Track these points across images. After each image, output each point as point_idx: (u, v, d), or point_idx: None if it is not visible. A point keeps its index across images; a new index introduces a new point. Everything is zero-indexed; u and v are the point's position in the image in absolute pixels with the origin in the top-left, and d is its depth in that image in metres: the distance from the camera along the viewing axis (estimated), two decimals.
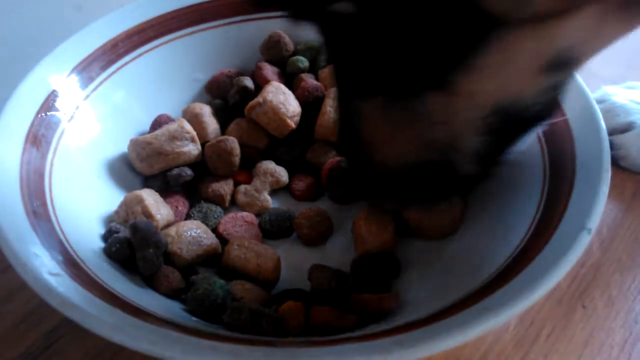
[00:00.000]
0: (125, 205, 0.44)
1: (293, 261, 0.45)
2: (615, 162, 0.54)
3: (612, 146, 0.53)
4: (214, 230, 0.46)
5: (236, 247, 0.43)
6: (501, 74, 0.29)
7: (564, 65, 0.30)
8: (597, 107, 0.42)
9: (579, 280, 0.46)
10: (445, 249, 0.44)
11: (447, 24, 0.27)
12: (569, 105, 0.42)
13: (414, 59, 0.30)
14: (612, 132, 0.55)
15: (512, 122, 0.33)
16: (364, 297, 0.39)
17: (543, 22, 0.27)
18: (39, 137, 0.42)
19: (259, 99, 0.50)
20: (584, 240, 0.34)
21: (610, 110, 0.56)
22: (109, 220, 0.44)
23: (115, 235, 0.41)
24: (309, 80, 0.54)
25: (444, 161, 0.35)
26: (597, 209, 0.35)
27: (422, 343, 0.29)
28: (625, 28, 0.29)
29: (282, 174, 0.50)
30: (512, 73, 0.30)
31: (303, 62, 0.55)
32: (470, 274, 0.37)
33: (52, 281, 0.32)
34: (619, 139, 0.54)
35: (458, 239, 0.44)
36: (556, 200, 0.38)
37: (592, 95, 0.43)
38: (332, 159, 0.50)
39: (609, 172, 0.37)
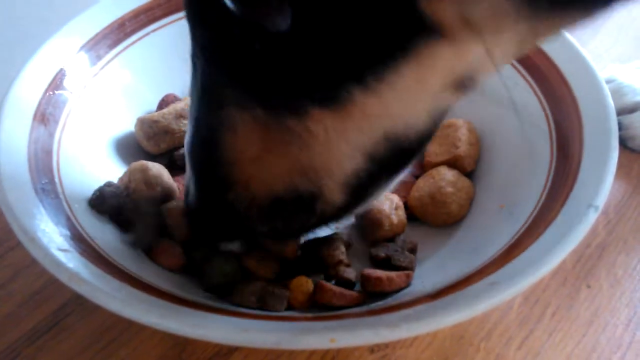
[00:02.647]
0: (129, 172, 0.44)
1: None
2: (623, 143, 0.54)
3: (620, 126, 0.53)
4: None
5: None
6: (408, 94, 0.27)
7: (466, 85, 0.28)
8: (605, 86, 0.41)
9: (585, 260, 0.46)
10: (452, 230, 0.44)
11: (374, 17, 0.24)
12: (578, 85, 0.42)
13: (309, 58, 0.26)
14: (620, 112, 0.54)
15: (397, 151, 0.30)
16: (376, 275, 0.39)
17: (466, 37, 0.25)
18: (47, 115, 0.42)
19: None
20: (591, 218, 0.34)
21: (618, 90, 0.55)
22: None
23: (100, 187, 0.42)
24: None
25: (312, 192, 0.32)
26: (604, 186, 0.35)
27: (430, 317, 0.29)
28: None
29: None
30: (419, 92, 0.27)
31: None
32: (476, 252, 0.38)
33: (61, 257, 0.32)
34: (627, 119, 0.54)
35: (466, 220, 0.44)
36: (563, 178, 0.38)
37: (601, 75, 0.43)
38: None
39: (616, 150, 0.37)
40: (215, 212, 0.35)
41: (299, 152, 0.30)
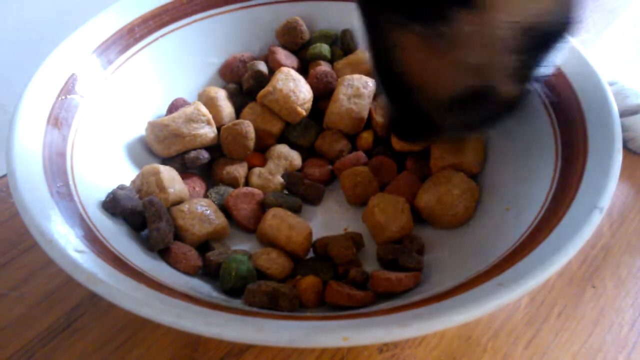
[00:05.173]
0: (142, 175, 0.45)
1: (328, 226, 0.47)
2: (624, 145, 0.54)
3: (622, 128, 0.53)
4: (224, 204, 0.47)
5: (272, 216, 0.44)
6: None
7: None
8: (609, 89, 0.42)
9: (590, 261, 0.47)
10: (459, 232, 0.45)
11: None
12: (582, 88, 0.43)
13: None
14: (621, 114, 0.55)
15: (541, 37, 0.35)
16: (385, 276, 0.40)
17: None
18: (60, 119, 0.43)
19: (269, 87, 0.50)
20: (596, 219, 0.34)
21: (620, 92, 0.56)
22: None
23: (114, 189, 0.42)
24: (321, 66, 0.54)
25: (485, 86, 0.38)
26: (609, 188, 0.36)
27: (440, 316, 0.30)
28: None
29: (296, 157, 0.51)
30: None
31: (326, 49, 0.56)
32: (484, 253, 0.38)
33: (78, 258, 0.33)
34: (628, 121, 0.54)
35: (472, 222, 0.45)
36: (568, 180, 0.38)
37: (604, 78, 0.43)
38: (344, 158, 0.51)
39: (620, 152, 0.38)
40: (407, 115, 0.43)
41: (459, 54, 0.35)
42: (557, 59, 0.38)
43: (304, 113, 0.51)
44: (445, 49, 0.36)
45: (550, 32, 0.35)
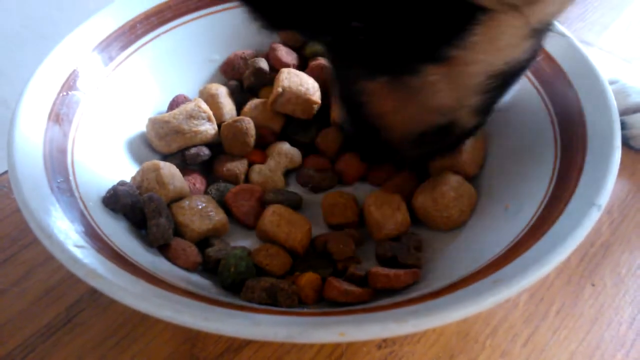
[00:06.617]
0: (142, 171, 0.45)
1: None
2: (626, 142, 0.54)
3: (624, 126, 0.54)
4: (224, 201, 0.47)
5: (272, 212, 0.44)
6: (491, 47, 0.34)
7: (543, 30, 0.35)
8: (608, 86, 0.42)
9: (589, 259, 0.47)
10: (458, 230, 0.45)
11: (438, 10, 0.32)
12: (581, 86, 0.43)
13: (412, 39, 0.34)
14: (623, 113, 0.55)
15: (507, 78, 0.38)
16: (384, 272, 0.40)
17: (522, 8, 0.32)
18: (62, 115, 0.43)
19: (278, 89, 0.50)
20: (594, 216, 0.34)
21: (623, 91, 0.56)
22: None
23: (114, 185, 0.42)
24: (320, 61, 0.54)
25: (449, 121, 0.40)
26: (607, 186, 0.36)
27: (437, 313, 0.30)
28: None
29: (296, 155, 0.51)
30: (501, 45, 0.34)
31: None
32: (482, 250, 0.38)
33: (78, 253, 0.33)
34: (631, 119, 0.54)
35: (471, 221, 0.45)
36: (567, 178, 0.38)
37: (604, 76, 0.43)
38: (345, 155, 0.51)
39: (619, 150, 0.38)
40: (372, 146, 0.46)
41: (427, 99, 0.38)
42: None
43: (319, 101, 0.51)
44: (411, 95, 0.38)
45: (517, 72, 0.38)
